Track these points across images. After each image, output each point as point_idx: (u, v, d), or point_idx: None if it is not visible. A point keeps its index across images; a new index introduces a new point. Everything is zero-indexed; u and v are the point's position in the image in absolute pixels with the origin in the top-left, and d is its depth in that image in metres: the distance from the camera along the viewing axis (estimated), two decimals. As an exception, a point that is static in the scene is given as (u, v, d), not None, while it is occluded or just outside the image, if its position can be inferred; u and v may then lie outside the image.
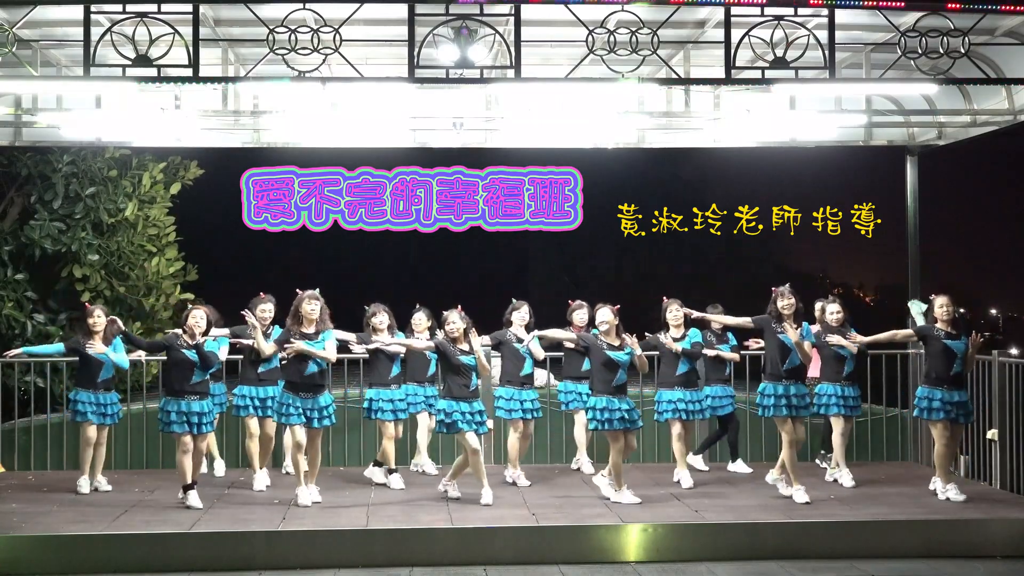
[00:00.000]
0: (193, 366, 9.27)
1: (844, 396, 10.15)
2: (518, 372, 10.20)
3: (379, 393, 10.25)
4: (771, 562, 8.34)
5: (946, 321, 9.56)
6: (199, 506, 9.16)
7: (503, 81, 9.75)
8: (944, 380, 9.48)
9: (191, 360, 9.28)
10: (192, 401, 9.26)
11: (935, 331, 9.57)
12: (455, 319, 9.37)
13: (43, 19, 9.29)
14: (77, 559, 8.20)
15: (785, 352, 9.44)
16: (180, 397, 9.25)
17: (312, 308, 9.28)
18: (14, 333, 14.73)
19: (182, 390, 9.26)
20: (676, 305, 10.29)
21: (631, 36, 9.02)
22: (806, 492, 9.38)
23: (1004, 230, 67.62)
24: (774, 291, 9.61)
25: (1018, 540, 8.66)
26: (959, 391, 9.53)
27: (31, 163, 15.26)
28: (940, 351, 9.50)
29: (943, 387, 9.48)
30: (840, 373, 10.15)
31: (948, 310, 9.56)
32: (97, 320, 9.92)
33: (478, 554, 8.38)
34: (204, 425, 9.34)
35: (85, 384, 9.94)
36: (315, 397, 9.24)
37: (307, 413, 9.21)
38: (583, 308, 10.64)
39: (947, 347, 9.48)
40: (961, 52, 9.25)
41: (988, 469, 10.54)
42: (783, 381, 9.44)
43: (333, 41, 8.90)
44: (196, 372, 9.28)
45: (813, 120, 11.16)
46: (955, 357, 9.46)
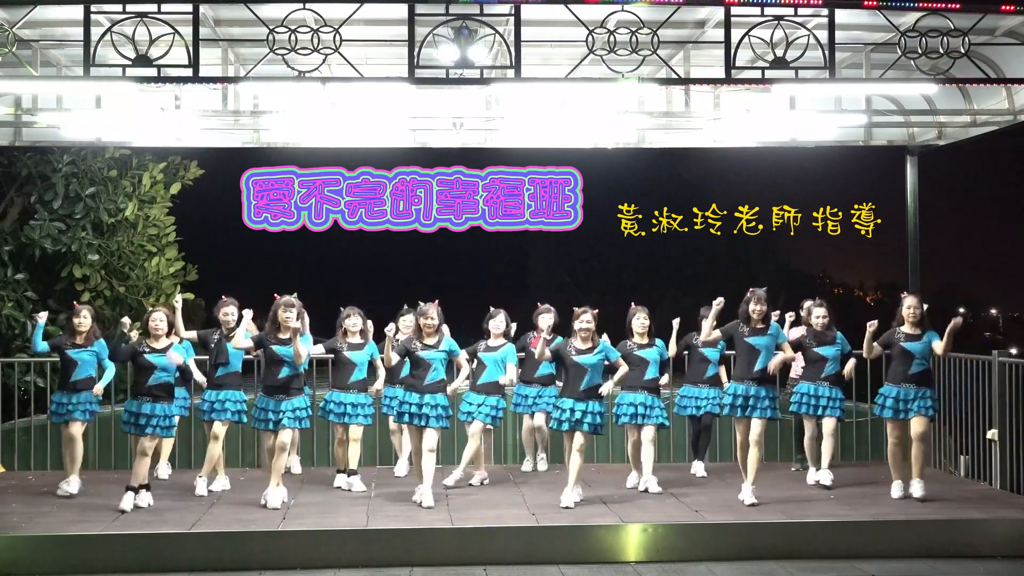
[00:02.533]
0: (153, 368, 9.22)
1: (817, 395, 10.07)
2: (477, 380, 10.16)
3: (333, 395, 10.09)
4: (771, 562, 8.34)
5: (912, 323, 9.55)
6: (128, 508, 9.06)
7: (503, 81, 9.76)
8: (902, 379, 9.49)
9: (151, 364, 9.22)
10: (144, 403, 9.21)
11: (895, 335, 9.57)
12: (433, 315, 9.36)
13: (43, 19, 9.29)
14: (77, 559, 8.19)
15: (754, 354, 9.41)
16: (135, 398, 9.24)
17: (288, 315, 9.24)
18: (14, 333, 14.74)
19: (138, 392, 9.25)
20: (643, 313, 10.05)
21: (631, 36, 9.03)
22: (754, 494, 9.26)
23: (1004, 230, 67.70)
24: (750, 292, 9.56)
25: (1018, 540, 8.66)
26: (920, 388, 9.49)
27: (31, 163, 15.27)
28: (899, 353, 9.53)
29: (901, 385, 9.49)
30: (819, 374, 10.11)
31: (915, 312, 9.56)
32: (82, 320, 9.82)
33: (478, 554, 8.38)
34: (157, 428, 9.22)
35: (62, 384, 9.83)
36: (289, 399, 9.20)
37: (281, 416, 9.15)
38: (550, 313, 10.54)
39: (904, 350, 9.49)
40: (961, 52, 9.26)
41: (988, 469, 10.54)
42: (746, 382, 9.38)
43: (333, 41, 8.91)
44: (155, 374, 9.20)
45: (813, 120, 11.17)
46: (913, 358, 9.47)
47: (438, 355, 9.35)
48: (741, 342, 9.45)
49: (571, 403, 9.22)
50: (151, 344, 9.24)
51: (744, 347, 9.44)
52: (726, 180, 35.54)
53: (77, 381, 9.80)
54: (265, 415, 9.19)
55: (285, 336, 9.20)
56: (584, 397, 9.20)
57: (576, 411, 9.19)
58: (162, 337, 9.26)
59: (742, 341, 9.44)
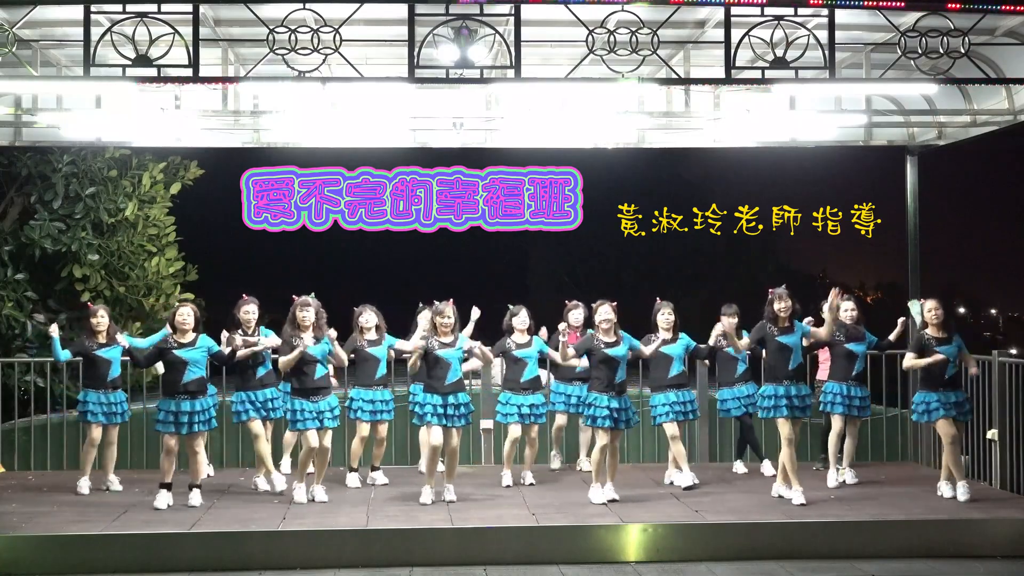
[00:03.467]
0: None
1: (849, 396, 10.12)
2: (519, 378, 10.19)
3: (360, 393, 10.23)
4: (771, 562, 8.34)
5: (936, 325, 9.54)
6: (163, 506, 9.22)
7: (503, 81, 9.76)
8: (939, 383, 9.49)
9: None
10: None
11: (925, 338, 9.55)
12: (449, 313, 9.43)
13: (43, 19, 9.29)
14: (77, 559, 8.20)
15: (787, 353, 9.43)
16: (172, 397, 9.32)
17: (304, 315, 9.31)
18: (14, 333, 14.72)
19: (174, 391, 9.36)
20: (668, 308, 10.14)
21: (631, 36, 9.02)
22: (803, 495, 9.33)
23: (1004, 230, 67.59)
24: (771, 292, 9.58)
25: (1018, 540, 8.66)
26: (955, 391, 9.54)
27: (31, 163, 15.26)
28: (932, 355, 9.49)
29: (939, 390, 9.48)
30: (849, 372, 10.13)
31: (938, 314, 9.54)
32: (100, 320, 9.90)
33: (478, 554, 8.38)
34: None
35: (95, 385, 9.93)
36: (325, 399, 9.35)
37: (319, 416, 9.31)
38: (579, 308, 10.58)
39: (937, 352, 9.46)
40: (961, 52, 9.25)
41: (988, 469, 10.53)
42: (784, 382, 9.42)
43: (333, 41, 8.91)
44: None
45: (813, 120, 11.16)
46: (948, 362, 9.46)
47: (456, 354, 9.38)
48: (772, 342, 9.46)
49: (607, 400, 9.26)
50: (178, 339, 9.29)
51: (775, 346, 9.45)
52: (726, 180, 35.51)
53: (113, 380, 9.97)
54: (303, 415, 9.26)
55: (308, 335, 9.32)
56: (618, 393, 9.30)
57: (620, 409, 9.30)
58: (188, 332, 9.30)
59: (773, 341, 9.45)
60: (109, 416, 9.93)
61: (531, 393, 10.19)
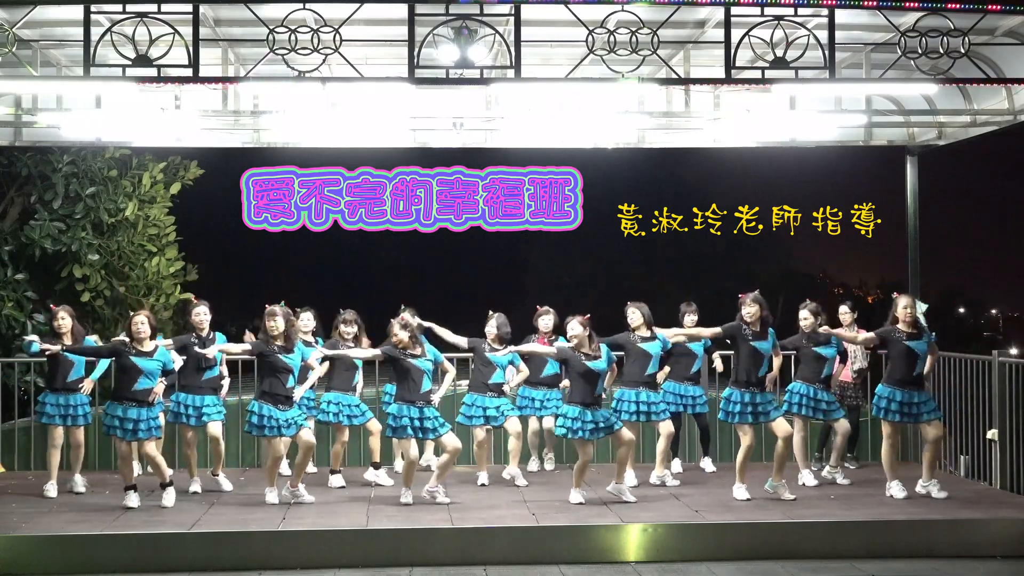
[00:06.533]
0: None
1: (815, 399, 10.04)
2: (487, 380, 10.24)
3: (338, 397, 10.23)
4: (771, 562, 8.34)
5: (907, 322, 9.53)
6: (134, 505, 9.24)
7: (503, 81, 9.76)
8: (906, 381, 9.47)
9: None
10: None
11: (895, 333, 9.54)
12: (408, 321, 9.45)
13: (43, 19, 9.29)
14: (77, 559, 8.20)
15: (759, 359, 9.41)
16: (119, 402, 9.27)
17: (272, 324, 9.32)
18: (14, 333, 14.71)
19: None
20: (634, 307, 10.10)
21: (631, 36, 9.02)
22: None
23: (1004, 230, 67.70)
24: (741, 298, 9.56)
25: (1018, 540, 8.66)
26: (919, 392, 9.53)
27: (31, 163, 15.24)
28: (902, 352, 9.47)
29: (904, 388, 9.47)
30: (818, 375, 10.10)
31: (910, 311, 9.53)
32: (62, 323, 9.78)
33: (478, 554, 8.38)
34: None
35: (53, 386, 9.87)
36: (293, 407, 9.40)
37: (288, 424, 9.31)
38: (549, 315, 10.67)
39: (909, 348, 9.46)
40: (961, 52, 9.25)
41: (988, 469, 10.54)
42: (750, 389, 9.39)
43: (333, 41, 8.91)
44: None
45: (813, 120, 11.16)
46: (917, 358, 9.45)
47: (427, 363, 9.41)
48: (745, 345, 9.41)
49: (589, 414, 9.21)
50: (136, 347, 9.26)
51: (748, 351, 9.41)
52: (726, 180, 35.58)
53: (73, 381, 9.86)
54: (270, 422, 9.26)
55: (284, 344, 9.35)
56: (597, 405, 9.30)
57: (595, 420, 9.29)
58: (146, 340, 9.27)
59: (746, 345, 9.41)
60: (66, 418, 9.80)
61: (497, 396, 10.25)
